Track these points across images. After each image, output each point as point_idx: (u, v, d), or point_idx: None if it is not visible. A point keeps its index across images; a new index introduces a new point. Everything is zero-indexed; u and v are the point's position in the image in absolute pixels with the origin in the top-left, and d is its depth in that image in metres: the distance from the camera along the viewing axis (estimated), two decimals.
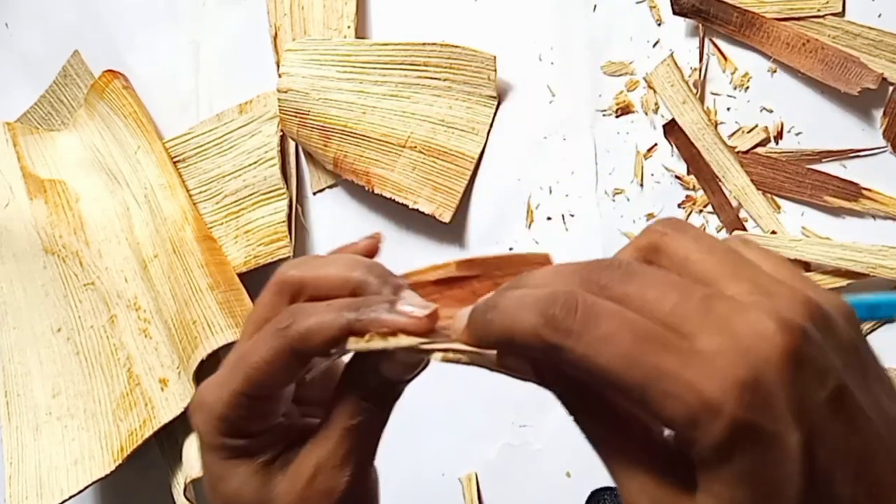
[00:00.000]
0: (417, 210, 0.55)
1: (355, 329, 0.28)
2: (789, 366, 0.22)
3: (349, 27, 0.58)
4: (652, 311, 0.23)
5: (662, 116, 0.52)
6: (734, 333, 0.22)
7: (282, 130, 0.59)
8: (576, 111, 0.54)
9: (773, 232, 0.50)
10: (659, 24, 0.52)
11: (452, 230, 0.56)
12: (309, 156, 0.60)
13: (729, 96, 0.51)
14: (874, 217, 0.48)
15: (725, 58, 0.50)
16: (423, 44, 0.55)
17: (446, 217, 0.55)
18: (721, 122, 0.51)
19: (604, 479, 0.52)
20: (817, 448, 0.22)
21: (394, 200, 0.55)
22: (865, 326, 0.48)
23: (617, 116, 0.53)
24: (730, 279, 0.24)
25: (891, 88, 0.47)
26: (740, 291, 0.24)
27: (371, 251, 0.33)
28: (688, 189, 0.51)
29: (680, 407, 0.22)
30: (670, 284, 0.24)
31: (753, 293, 0.24)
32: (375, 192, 0.56)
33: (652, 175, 0.52)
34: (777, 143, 0.50)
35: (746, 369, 0.22)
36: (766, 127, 0.50)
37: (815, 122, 0.49)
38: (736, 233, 0.50)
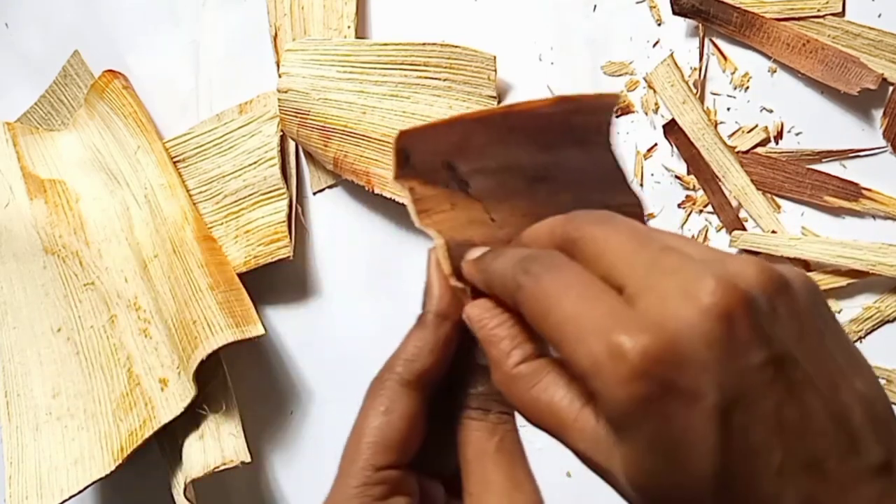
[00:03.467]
0: None
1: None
2: (719, 325, 0.21)
3: (349, 27, 0.58)
4: (600, 265, 0.24)
5: (662, 116, 0.52)
6: (668, 289, 0.22)
7: (282, 130, 0.59)
8: None
9: (773, 232, 0.50)
10: (659, 24, 0.52)
11: None
12: (309, 156, 0.60)
13: (729, 96, 0.51)
14: (874, 217, 0.48)
15: (725, 58, 0.51)
16: (423, 44, 0.55)
17: None
18: (721, 122, 0.51)
19: None
20: (740, 412, 0.21)
21: (394, 200, 0.56)
22: (867, 325, 0.48)
23: (617, 116, 0.53)
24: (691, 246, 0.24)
25: (891, 88, 0.47)
26: (694, 252, 0.24)
27: None
28: (688, 189, 0.52)
29: (587, 354, 0.22)
30: (628, 235, 0.24)
31: (707, 256, 0.23)
32: (375, 192, 0.56)
33: (652, 175, 0.52)
34: (777, 143, 0.50)
35: (667, 321, 0.22)
36: (766, 127, 0.50)
37: (815, 122, 0.49)
38: (735, 233, 0.50)
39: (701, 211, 0.51)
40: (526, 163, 0.31)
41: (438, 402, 0.30)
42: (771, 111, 0.50)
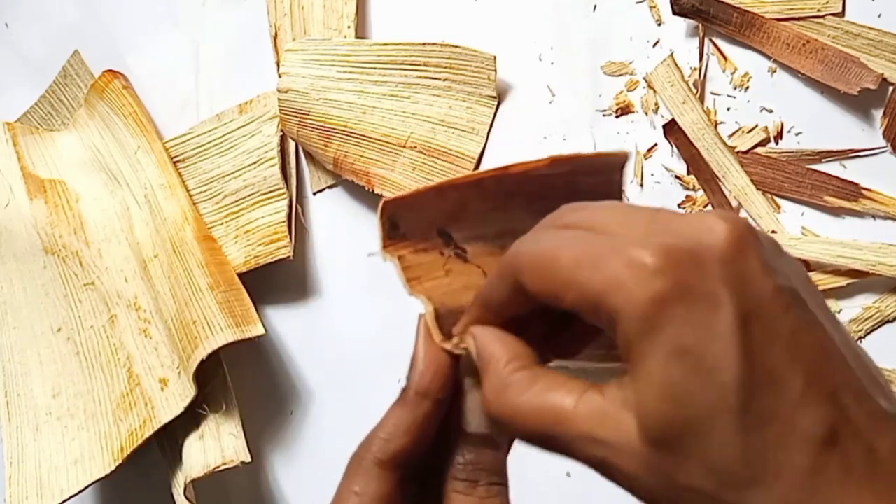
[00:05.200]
0: None
1: None
2: (734, 247, 0.22)
3: (349, 27, 0.58)
4: (599, 228, 0.24)
5: (662, 116, 0.52)
6: (677, 228, 0.23)
7: (282, 130, 0.59)
8: (576, 111, 0.54)
9: (774, 232, 0.50)
10: (659, 24, 0.52)
11: None
12: (309, 156, 0.60)
13: (729, 96, 0.51)
14: (874, 217, 0.48)
15: (725, 58, 0.51)
16: (423, 44, 0.55)
17: None
18: (721, 122, 0.51)
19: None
20: (759, 328, 0.21)
21: None
22: (867, 325, 0.48)
23: (617, 116, 0.53)
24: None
25: (891, 88, 0.47)
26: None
27: None
28: (688, 189, 0.52)
29: (603, 275, 0.22)
30: (614, 208, 0.25)
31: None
32: (375, 192, 0.56)
33: (652, 175, 0.52)
34: (777, 143, 0.50)
35: (683, 241, 0.22)
36: (766, 127, 0.50)
37: (815, 122, 0.49)
38: None
39: (701, 211, 0.51)
40: (528, 227, 0.30)
41: (426, 476, 0.29)
42: (771, 111, 0.50)
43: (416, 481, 0.30)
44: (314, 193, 0.61)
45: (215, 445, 0.56)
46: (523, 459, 0.30)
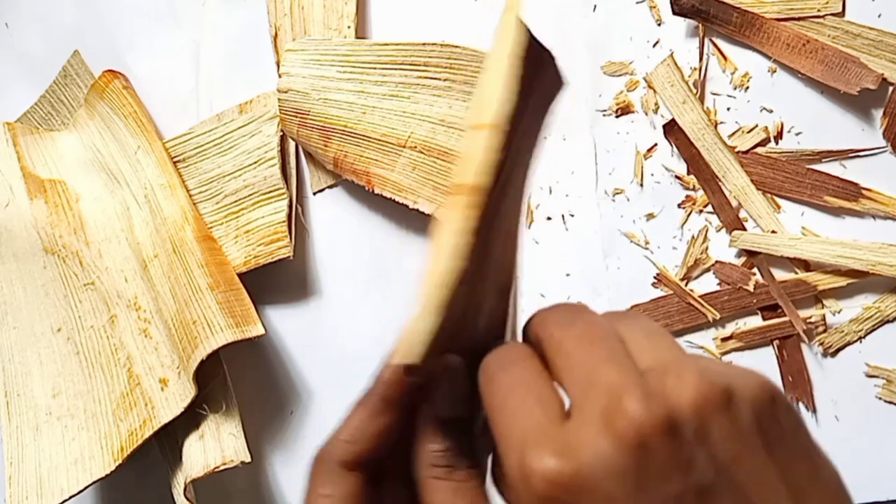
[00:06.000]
0: (417, 210, 0.55)
1: None
2: (631, 456, 0.21)
3: (349, 27, 0.58)
4: (555, 370, 0.25)
5: (662, 116, 0.52)
6: (593, 410, 0.22)
7: (282, 130, 0.59)
8: (576, 111, 0.54)
9: (773, 232, 0.50)
10: (659, 24, 0.52)
11: None
12: (309, 156, 0.60)
13: (729, 96, 0.51)
14: (874, 217, 0.48)
15: (725, 58, 0.51)
16: (423, 44, 0.55)
17: None
18: (721, 122, 0.51)
19: None
20: None
21: (394, 200, 0.56)
22: (867, 325, 0.48)
23: (617, 116, 0.53)
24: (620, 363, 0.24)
25: (891, 88, 0.47)
26: (644, 356, 0.24)
27: None
28: (688, 189, 0.52)
29: (508, 464, 0.23)
30: (582, 339, 0.24)
31: (655, 362, 0.23)
32: (375, 192, 0.56)
33: (652, 175, 0.52)
34: (777, 143, 0.50)
35: (582, 448, 0.21)
36: (766, 127, 0.50)
37: (815, 122, 0.49)
38: (735, 233, 0.50)
39: (701, 211, 0.51)
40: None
41: (381, 475, 0.29)
42: (771, 111, 0.50)
43: (372, 481, 0.29)
44: (314, 193, 0.61)
45: (215, 445, 0.56)
46: None
